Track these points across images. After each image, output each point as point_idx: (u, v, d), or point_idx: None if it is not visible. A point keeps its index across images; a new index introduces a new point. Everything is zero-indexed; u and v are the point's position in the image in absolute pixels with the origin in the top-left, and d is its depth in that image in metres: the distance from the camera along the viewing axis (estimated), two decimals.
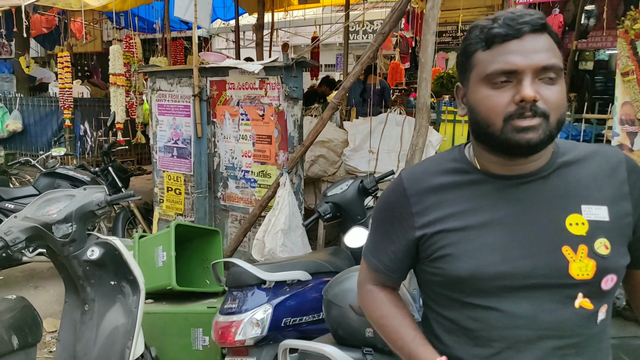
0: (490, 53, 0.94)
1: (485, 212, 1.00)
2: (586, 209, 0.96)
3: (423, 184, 1.06)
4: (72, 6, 6.43)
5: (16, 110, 7.48)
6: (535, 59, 0.91)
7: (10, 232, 2.21)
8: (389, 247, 1.11)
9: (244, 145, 3.59)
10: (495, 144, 0.96)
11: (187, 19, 3.47)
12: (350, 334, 1.63)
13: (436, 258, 1.03)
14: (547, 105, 0.91)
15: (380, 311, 1.14)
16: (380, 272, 1.15)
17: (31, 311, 2.10)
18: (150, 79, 3.92)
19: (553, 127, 0.92)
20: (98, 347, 2.42)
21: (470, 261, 0.98)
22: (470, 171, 1.03)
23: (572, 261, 0.94)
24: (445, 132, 5.17)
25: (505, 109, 0.92)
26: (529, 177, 0.99)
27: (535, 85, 0.91)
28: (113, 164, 4.50)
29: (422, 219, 1.04)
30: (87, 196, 2.40)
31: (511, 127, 0.91)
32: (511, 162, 0.98)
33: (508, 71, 0.91)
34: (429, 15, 2.72)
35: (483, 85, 0.95)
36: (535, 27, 0.92)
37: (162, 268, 3.20)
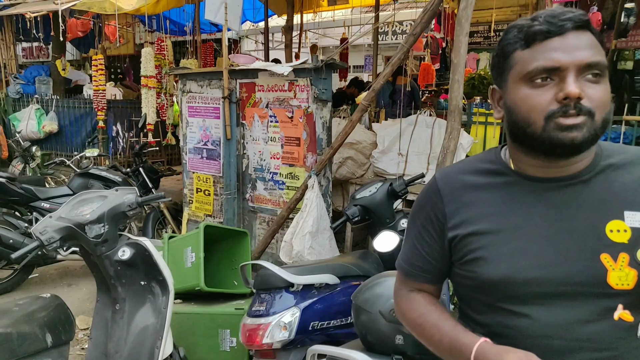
0: (530, 51, 0.92)
1: (519, 215, 0.97)
2: (630, 215, 0.91)
3: (457, 184, 1.05)
4: (107, 10, 6.59)
5: (52, 111, 7.69)
6: (579, 55, 0.88)
7: (46, 232, 2.25)
8: (423, 248, 1.09)
9: (272, 147, 3.59)
10: (536, 144, 0.92)
11: (217, 21, 3.49)
12: (380, 341, 1.60)
13: (468, 261, 1.01)
14: (592, 104, 0.88)
15: (417, 311, 1.10)
16: (414, 276, 1.13)
17: (64, 310, 2.14)
18: (181, 81, 3.97)
19: (598, 126, 0.89)
20: (129, 346, 2.45)
21: (502, 265, 0.95)
22: (506, 173, 1.01)
23: (612, 270, 0.90)
24: (477, 135, 5.07)
25: (547, 108, 0.89)
26: (568, 180, 0.96)
27: (579, 83, 0.88)
28: (144, 165, 4.58)
29: (455, 219, 1.03)
30: (119, 197, 2.44)
31: (554, 125, 0.89)
32: (551, 164, 0.95)
33: (550, 68, 0.89)
34: (462, 15, 2.66)
35: (522, 85, 0.92)
36: (578, 24, 0.89)
37: (190, 269, 3.23)
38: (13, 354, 1.78)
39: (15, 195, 3.96)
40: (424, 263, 1.10)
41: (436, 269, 1.10)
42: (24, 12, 6.94)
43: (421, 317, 1.08)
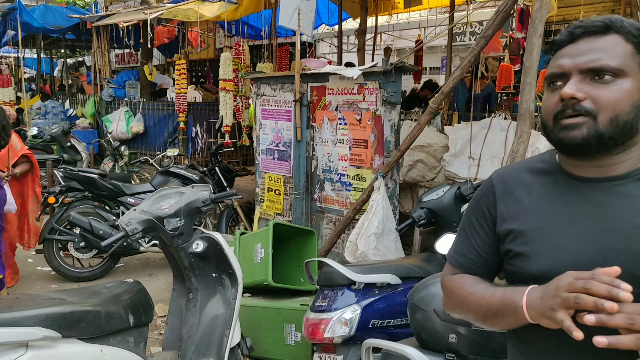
0: (553, 59, 1.01)
1: (564, 214, 1.00)
2: None
3: (510, 181, 1.10)
4: (190, 17, 7.00)
5: (139, 113, 8.28)
6: (581, 60, 0.94)
7: (130, 223, 2.47)
8: (475, 241, 1.14)
9: (340, 149, 3.66)
10: (552, 143, 1.00)
11: (291, 27, 3.62)
12: (434, 339, 1.62)
13: (513, 255, 1.05)
14: (594, 105, 0.92)
15: (467, 284, 1.11)
16: (464, 267, 1.15)
17: (145, 294, 2.33)
18: (256, 85, 4.15)
19: (603, 126, 0.92)
20: (200, 333, 2.63)
21: (543, 261, 0.98)
22: (555, 172, 1.05)
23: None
24: None
25: (554, 108, 0.97)
26: (615, 181, 0.97)
27: (583, 85, 0.93)
28: (220, 164, 4.83)
29: (505, 215, 1.08)
30: (195, 194, 2.62)
31: (559, 126, 0.96)
32: (585, 163, 0.99)
33: (557, 74, 0.97)
34: (535, 17, 2.59)
35: (546, 89, 1.01)
36: (589, 30, 0.95)
37: (259, 264, 3.38)
38: (102, 330, 1.99)
39: (105, 190, 4.35)
40: (475, 255, 1.14)
41: (487, 263, 1.13)
42: (117, 21, 7.53)
43: (472, 287, 1.10)
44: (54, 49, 12.67)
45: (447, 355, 1.56)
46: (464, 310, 1.12)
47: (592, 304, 0.80)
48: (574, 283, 0.84)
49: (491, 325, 1.06)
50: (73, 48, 12.88)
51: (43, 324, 1.81)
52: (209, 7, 7.23)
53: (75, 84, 13.36)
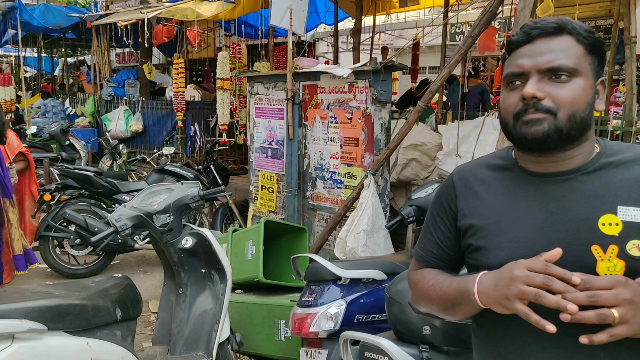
0: (510, 59, 1.04)
1: (520, 208, 1.04)
2: (623, 209, 0.95)
3: (469, 177, 1.14)
4: (188, 17, 7.04)
5: (138, 112, 8.32)
6: (540, 60, 0.98)
7: (120, 219, 2.51)
8: (437, 236, 1.18)
9: (332, 147, 3.70)
10: (514, 141, 1.03)
11: (282, 26, 3.66)
12: (409, 331, 1.65)
13: (474, 249, 1.09)
14: (554, 103, 0.97)
15: (429, 276, 1.16)
16: (428, 262, 1.20)
17: (133, 289, 2.37)
18: (249, 84, 4.19)
19: (563, 122, 0.96)
20: (189, 327, 2.67)
21: (501, 254, 1.02)
22: (512, 169, 1.09)
23: (600, 260, 0.94)
24: None
25: (515, 108, 1.00)
26: (566, 175, 1.02)
27: (542, 84, 0.97)
28: (215, 162, 4.87)
29: (464, 210, 1.12)
30: (184, 190, 2.66)
31: (520, 122, 0.99)
32: (541, 159, 1.03)
33: (516, 73, 1.00)
34: (519, 16, 2.62)
35: (504, 88, 1.05)
36: (546, 31, 0.99)
37: (251, 261, 3.41)
38: (88, 323, 2.02)
39: (100, 188, 4.39)
40: (438, 250, 1.18)
41: (449, 256, 1.18)
42: (116, 21, 7.58)
43: (432, 279, 1.14)
44: (54, 48, 12.73)
45: (421, 347, 1.60)
46: (427, 303, 1.16)
47: (555, 304, 0.85)
48: (533, 278, 0.88)
49: (452, 314, 1.10)
50: (74, 47, 12.95)
51: (29, 316, 1.85)
52: (207, 6, 7.28)
53: (76, 83, 13.44)
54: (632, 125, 4.24)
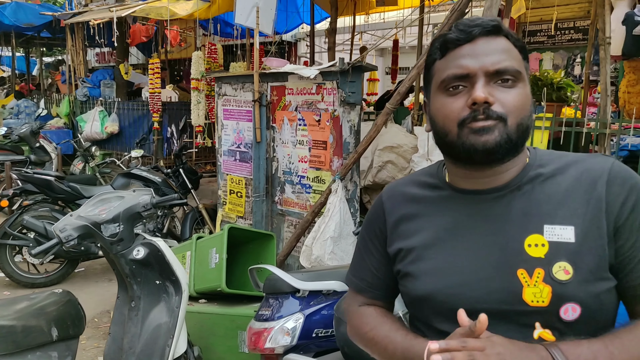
0: (445, 60, 0.92)
1: (449, 230, 0.94)
2: (549, 229, 0.87)
3: (398, 197, 1.04)
4: (163, 16, 6.87)
5: (114, 113, 8.12)
6: (487, 61, 0.87)
7: (65, 230, 2.35)
8: (370, 263, 1.08)
9: (300, 151, 3.57)
10: (455, 153, 0.91)
11: (248, 25, 3.52)
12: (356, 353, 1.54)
13: (403, 276, 1.00)
14: (503, 109, 0.87)
15: (368, 325, 1.05)
16: (364, 291, 1.10)
17: (75, 305, 2.22)
18: (217, 85, 4.05)
19: (512, 131, 0.87)
20: (142, 343, 2.52)
21: (429, 281, 0.93)
22: (441, 187, 1.00)
23: (527, 286, 0.85)
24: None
25: (460, 114, 0.89)
26: (496, 192, 0.92)
27: (490, 88, 0.87)
28: (184, 166, 4.72)
29: (394, 234, 1.02)
30: (135, 198, 2.51)
31: (467, 131, 0.88)
32: (476, 173, 0.92)
33: (460, 75, 0.89)
34: (486, 15, 2.52)
35: (440, 94, 0.92)
36: (487, 29, 0.89)
37: (214, 269, 3.28)
38: (17, 346, 1.87)
39: (62, 193, 4.21)
40: (372, 278, 1.08)
41: (384, 284, 1.07)
42: (88, 19, 7.38)
43: (372, 331, 1.03)
44: (30, 47, 12.43)
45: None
46: (366, 350, 1.06)
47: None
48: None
49: None
50: (50, 46, 12.66)
51: None
52: (183, 5, 7.10)
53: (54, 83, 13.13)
54: (607, 127, 4.17)
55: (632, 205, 0.86)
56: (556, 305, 0.84)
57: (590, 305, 0.84)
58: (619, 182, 0.87)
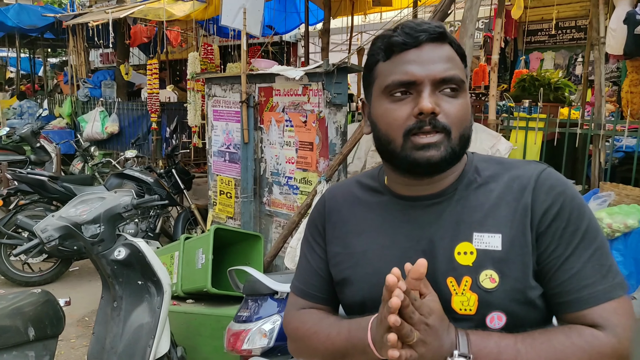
0: (389, 63, 0.88)
1: (387, 235, 0.93)
2: (478, 236, 0.86)
3: (339, 198, 1.03)
4: (160, 17, 6.92)
5: (114, 113, 8.18)
6: (434, 69, 0.85)
7: (46, 230, 2.38)
8: (316, 264, 1.03)
9: (287, 152, 3.59)
10: (397, 163, 0.89)
11: (235, 26, 3.54)
12: None
13: (338, 282, 0.98)
14: (448, 120, 0.85)
15: (310, 322, 0.99)
16: (308, 296, 1.04)
17: (53, 305, 2.25)
18: (207, 85, 4.08)
19: (455, 143, 0.86)
20: (124, 343, 2.54)
21: (363, 287, 0.93)
22: (381, 191, 0.99)
23: (455, 294, 0.85)
24: (517, 141, 4.78)
25: (405, 123, 0.86)
26: (432, 199, 0.91)
27: (435, 98, 0.85)
28: (176, 166, 4.75)
29: (332, 235, 1.01)
30: (116, 199, 2.54)
31: (411, 145, 0.85)
32: (415, 182, 0.92)
33: (406, 82, 0.86)
34: (466, 16, 2.52)
35: (384, 99, 0.89)
36: (433, 36, 0.86)
37: (200, 270, 3.30)
38: None
39: (55, 193, 4.26)
40: (319, 281, 1.03)
41: (331, 287, 1.03)
42: (88, 21, 7.44)
43: (315, 326, 0.98)
44: (35, 48, 12.55)
45: None
46: (309, 354, 0.99)
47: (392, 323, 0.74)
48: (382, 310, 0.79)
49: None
50: (53, 47, 12.77)
51: None
52: (181, 6, 7.16)
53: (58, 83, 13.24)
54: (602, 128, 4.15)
55: (555, 212, 0.85)
56: (482, 313, 0.84)
57: (517, 313, 0.84)
58: (545, 189, 0.87)
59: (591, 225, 0.86)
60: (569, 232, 0.85)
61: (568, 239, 0.84)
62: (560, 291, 0.85)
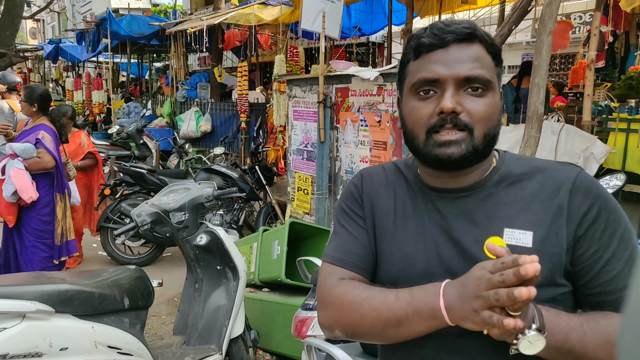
0: (418, 62, 0.93)
1: (417, 223, 0.97)
2: (509, 232, 0.88)
3: (375, 178, 1.07)
4: (250, 21, 7.31)
5: (207, 113, 8.76)
6: (458, 69, 0.88)
7: (140, 215, 2.69)
8: (358, 234, 1.01)
9: (362, 151, 3.68)
10: (421, 158, 0.94)
11: (314, 30, 3.70)
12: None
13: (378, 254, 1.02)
14: (470, 118, 0.88)
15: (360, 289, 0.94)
16: (350, 265, 0.99)
17: (144, 281, 2.53)
18: (288, 87, 4.28)
19: (478, 141, 0.88)
20: (203, 321, 2.80)
21: (392, 269, 0.97)
22: (413, 180, 1.02)
23: None
24: (615, 144, 4.47)
25: (428, 121, 0.90)
26: (461, 192, 0.95)
27: (459, 97, 0.88)
28: (260, 163, 5.03)
29: (368, 209, 1.03)
30: (199, 190, 2.80)
31: (433, 142, 0.90)
32: (442, 174, 0.95)
33: (430, 80, 0.90)
34: (545, 12, 2.46)
35: (412, 96, 0.94)
36: (460, 37, 0.89)
37: (275, 261, 3.50)
38: (94, 309, 2.20)
39: (152, 184, 4.71)
40: (361, 250, 1.00)
41: (371, 259, 1.01)
42: (185, 28, 8.05)
43: (366, 291, 0.93)
44: (143, 54, 13.76)
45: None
46: (356, 321, 0.92)
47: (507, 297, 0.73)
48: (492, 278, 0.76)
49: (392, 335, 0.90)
50: (159, 53, 13.90)
51: (40, 299, 2.05)
52: (270, 10, 7.51)
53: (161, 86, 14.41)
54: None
55: (595, 215, 0.87)
56: None
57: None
58: (583, 191, 0.88)
59: (627, 228, 0.87)
60: (607, 235, 0.86)
61: (607, 241, 0.86)
62: (601, 291, 0.86)
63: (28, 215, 3.53)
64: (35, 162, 3.40)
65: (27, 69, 18.31)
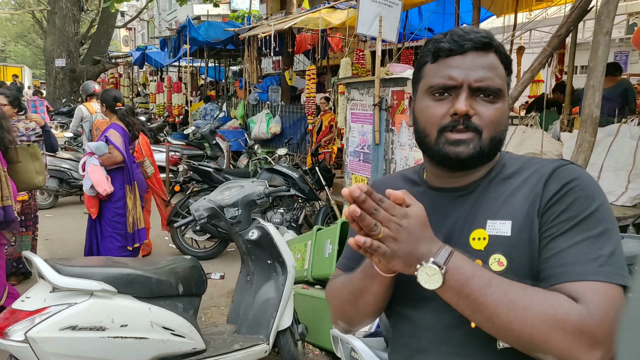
0: (436, 66, 0.97)
1: None
2: (490, 223, 0.93)
3: (382, 188, 1.08)
4: (319, 26, 7.48)
5: (277, 115, 9.05)
6: (473, 75, 0.93)
7: (198, 210, 2.90)
8: None
9: (416, 154, 3.68)
10: (431, 155, 0.99)
11: (370, 34, 3.75)
12: None
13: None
14: (480, 121, 0.93)
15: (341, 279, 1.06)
16: (349, 269, 1.07)
17: (198, 270, 2.73)
18: (347, 90, 4.37)
19: (485, 143, 0.94)
20: (253, 312, 2.96)
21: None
22: (419, 183, 1.08)
23: None
24: None
25: (441, 121, 0.95)
26: (459, 192, 1.00)
27: (472, 101, 0.93)
28: (320, 164, 5.15)
29: None
30: (252, 188, 2.96)
31: (444, 139, 0.95)
32: (447, 174, 1.00)
33: (448, 86, 0.95)
34: (602, 12, 2.37)
35: (426, 97, 0.99)
36: (478, 45, 0.94)
37: (327, 259, 3.59)
38: (152, 292, 2.43)
39: (218, 182, 4.98)
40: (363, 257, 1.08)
41: None
42: (257, 33, 8.39)
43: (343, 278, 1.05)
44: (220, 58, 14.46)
45: None
46: (342, 306, 1.05)
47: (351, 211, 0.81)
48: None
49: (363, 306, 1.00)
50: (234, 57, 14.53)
51: (105, 280, 2.31)
52: (338, 14, 7.64)
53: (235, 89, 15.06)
54: None
55: (559, 197, 0.89)
56: None
57: None
58: (557, 179, 0.91)
59: (596, 216, 0.86)
60: (564, 217, 0.87)
61: (562, 222, 0.87)
62: (542, 267, 0.88)
63: (106, 208, 3.91)
64: (107, 158, 3.78)
65: (118, 74, 19.84)
